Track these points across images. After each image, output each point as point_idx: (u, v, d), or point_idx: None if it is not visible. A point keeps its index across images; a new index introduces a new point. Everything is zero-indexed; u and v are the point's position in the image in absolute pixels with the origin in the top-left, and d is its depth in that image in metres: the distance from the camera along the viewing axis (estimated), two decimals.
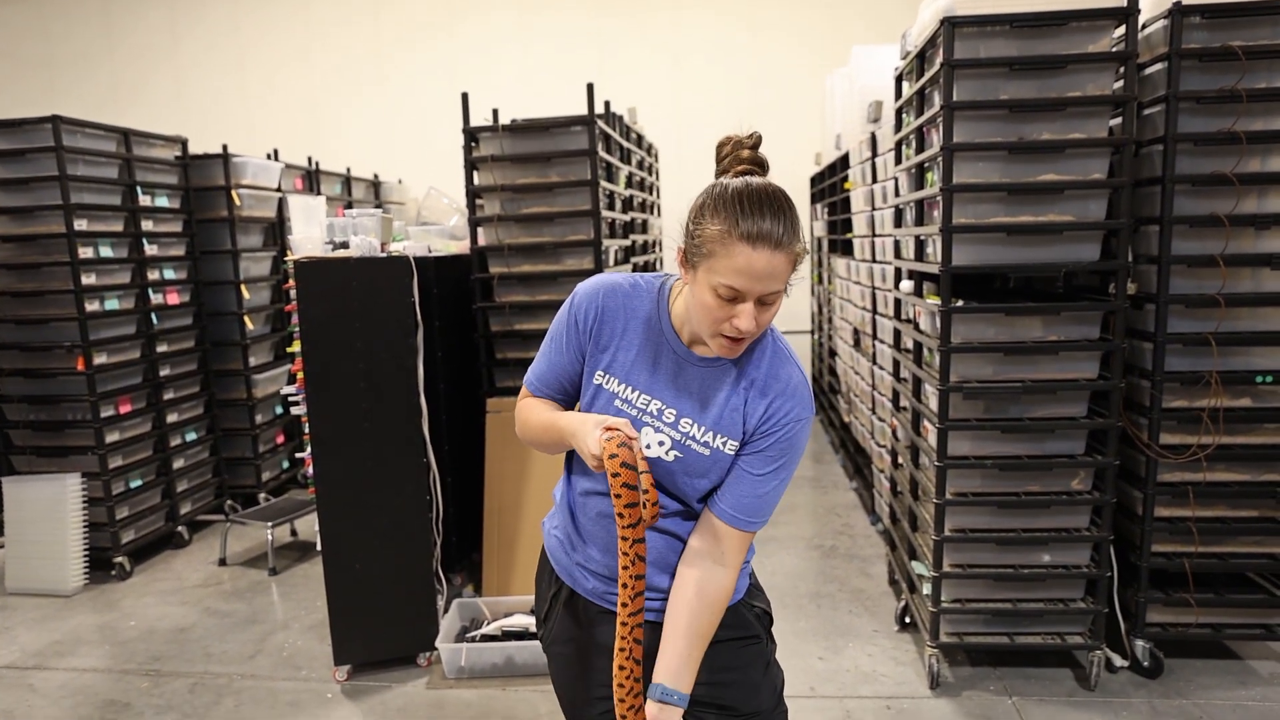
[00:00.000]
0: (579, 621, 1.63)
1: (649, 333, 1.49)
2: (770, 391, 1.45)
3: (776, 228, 1.28)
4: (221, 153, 5.26)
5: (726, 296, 1.31)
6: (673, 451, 1.47)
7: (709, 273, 1.32)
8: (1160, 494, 3.00)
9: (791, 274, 1.33)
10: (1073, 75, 2.77)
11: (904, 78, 3.57)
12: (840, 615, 3.74)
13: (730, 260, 1.29)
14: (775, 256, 1.28)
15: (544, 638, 1.70)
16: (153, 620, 3.98)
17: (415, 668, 3.40)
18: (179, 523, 4.96)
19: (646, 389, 1.48)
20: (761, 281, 1.29)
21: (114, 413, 4.50)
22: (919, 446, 3.33)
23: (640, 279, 1.54)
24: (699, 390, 1.47)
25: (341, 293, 3.14)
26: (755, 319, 1.32)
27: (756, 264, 1.28)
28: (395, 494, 3.27)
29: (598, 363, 1.51)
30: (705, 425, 1.46)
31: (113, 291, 4.52)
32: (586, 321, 1.51)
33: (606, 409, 1.50)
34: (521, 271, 3.93)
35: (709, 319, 1.35)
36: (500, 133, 3.85)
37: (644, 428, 1.47)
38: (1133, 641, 3.11)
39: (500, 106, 3.99)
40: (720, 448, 1.46)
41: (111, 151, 4.57)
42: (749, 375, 1.47)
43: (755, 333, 1.35)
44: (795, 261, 1.32)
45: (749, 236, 1.27)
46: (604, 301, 1.50)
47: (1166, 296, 2.89)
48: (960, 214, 2.87)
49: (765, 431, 1.46)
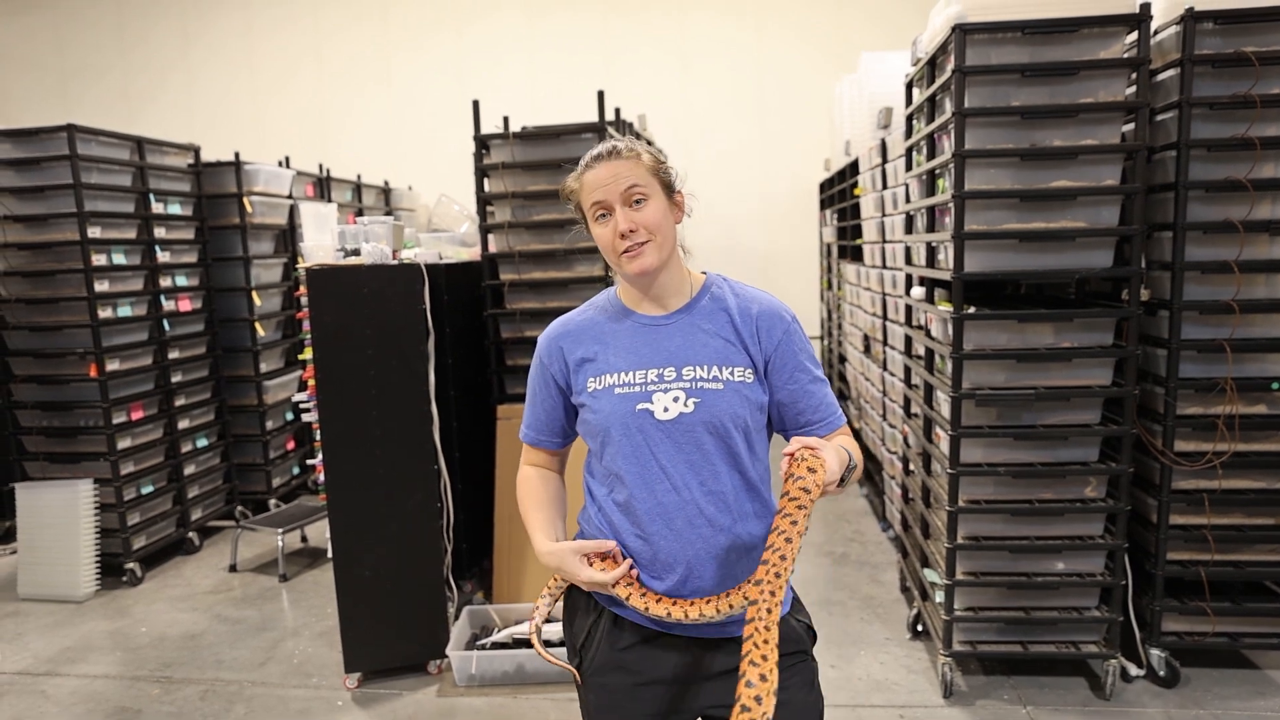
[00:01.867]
0: (625, 649, 1.57)
1: (616, 324, 1.60)
2: (751, 311, 1.56)
3: (603, 149, 1.51)
4: (234, 160, 5.30)
5: (601, 216, 1.51)
6: (690, 400, 1.49)
7: (588, 216, 1.54)
8: (1175, 501, 2.98)
9: (649, 175, 1.50)
10: (1085, 81, 2.76)
11: (915, 84, 3.57)
12: (851, 623, 3.73)
13: (585, 190, 1.52)
14: (612, 164, 1.49)
15: (583, 668, 1.62)
16: (164, 627, 4.00)
17: (426, 675, 3.40)
18: (190, 529, 4.99)
19: (638, 365, 1.54)
20: (612, 184, 1.48)
21: (126, 419, 4.53)
22: (931, 453, 3.32)
23: (586, 303, 1.69)
24: (683, 341, 1.54)
25: (353, 300, 3.16)
26: (630, 218, 1.48)
27: (600, 176, 1.50)
28: (406, 500, 3.28)
29: (586, 374, 1.57)
30: (707, 364, 1.52)
31: (125, 298, 4.55)
32: (553, 358, 1.62)
33: (610, 402, 1.52)
34: (532, 278, 3.94)
35: (607, 248, 1.52)
36: (511, 140, 3.86)
37: (654, 395, 1.50)
38: (1148, 650, 3.10)
39: (508, 109, 4.01)
40: (731, 378, 1.51)
41: (125, 159, 4.60)
42: (722, 307, 1.57)
43: (643, 234, 1.48)
44: (640, 163, 1.50)
45: (587, 166, 1.53)
46: (561, 335, 1.63)
47: (1180, 303, 2.88)
48: (972, 220, 2.87)
49: (778, 347, 1.55)
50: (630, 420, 1.50)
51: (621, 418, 1.51)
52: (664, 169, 1.54)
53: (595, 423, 1.54)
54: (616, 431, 1.51)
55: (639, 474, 1.51)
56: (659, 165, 1.53)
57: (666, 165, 1.55)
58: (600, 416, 1.53)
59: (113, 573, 4.54)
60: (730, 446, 1.51)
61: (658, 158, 1.54)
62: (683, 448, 1.49)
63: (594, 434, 1.56)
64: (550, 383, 1.63)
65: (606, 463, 1.55)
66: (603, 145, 1.53)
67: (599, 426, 1.53)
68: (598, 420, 1.53)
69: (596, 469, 1.60)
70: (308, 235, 3.38)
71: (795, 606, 1.64)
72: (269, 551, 4.93)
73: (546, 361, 1.63)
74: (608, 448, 1.53)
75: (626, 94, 6.09)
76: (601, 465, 1.57)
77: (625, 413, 1.51)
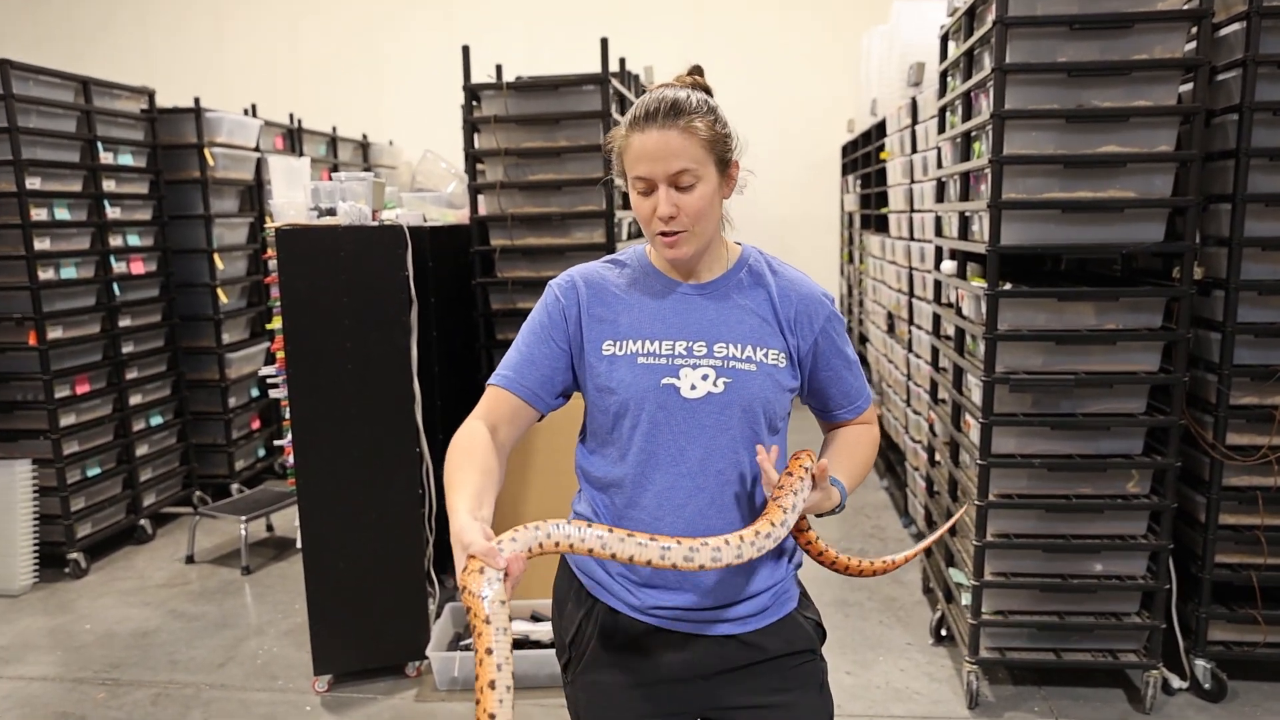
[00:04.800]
0: (620, 645, 1.58)
1: (644, 286, 1.59)
2: (791, 295, 1.58)
3: (658, 107, 1.45)
4: (193, 107, 5.30)
5: (643, 191, 1.48)
6: (720, 379, 1.51)
7: (629, 177, 1.50)
8: (1226, 499, 3.02)
9: (703, 152, 1.45)
10: (1139, 36, 2.77)
11: (950, 37, 3.58)
12: (870, 626, 3.78)
13: (631, 152, 1.48)
14: (665, 133, 1.44)
15: (569, 666, 1.64)
16: (111, 623, 4.03)
17: (403, 678, 3.44)
18: (142, 515, 5.02)
19: (665, 334, 1.54)
20: (661, 161, 1.44)
21: (70, 393, 4.55)
22: (959, 443, 3.36)
23: (611, 255, 1.67)
24: (717, 315, 1.55)
25: (327, 265, 3.17)
26: (674, 203, 1.46)
27: (648, 144, 1.45)
28: (384, 486, 3.31)
29: (602, 334, 1.55)
30: (741, 342, 1.54)
31: (70, 258, 4.55)
32: (568, 301, 1.58)
33: (631, 372, 1.52)
34: (526, 244, 3.96)
35: (644, 221, 1.51)
36: (504, 91, 3.87)
37: (681, 370, 1.51)
38: (1193, 661, 3.14)
39: (502, 57, 4.01)
40: (764, 360, 1.53)
41: (69, 102, 4.59)
42: (761, 284, 1.59)
43: (684, 222, 1.47)
44: (696, 138, 1.45)
45: (636, 124, 1.47)
46: (583, 280, 1.60)
47: (1237, 282, 2.91)
48: (1010, 188, 2.88)
49: (819, 335, 1.58)
50: (652, 396, 1.50)
51: (642, 392, 1.50)
52: (722, 142, 1.48)
53: (611, 395, 1.53)
54: (635, 406, 1.51)
55: (653, 455, 1.52)
56: (716, 138, 1.47)
57: (727, 136, 1.50)
58: (620, 388, 1.51)
59: (54, 564, 4.56)
60: (756, 433, 1.53)
61: (716, 129, 1.47)
62: (706, 429, 1.51)
63: (606, 406, 1.54)
64: (561, 329, 1.57)
65: (616, 440, 1.55)
66: (660, 96, 1.46)
67: (616, 399, 1.52)
68: (615, 391, 1.52)
69: (599, 447, 1.59)
70: (277, 192, 3.39)
71: (803, 602, 1.67)
72: (230, 541, 4.96)
73: (563, 303, 1.58)
74: (622, 422, 1.53)
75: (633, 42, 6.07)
76: (610, 441, 1.56)
77: (648, 387, 1.50)
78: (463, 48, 3.90)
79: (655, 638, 1.56)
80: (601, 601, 1.60)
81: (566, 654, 1.65)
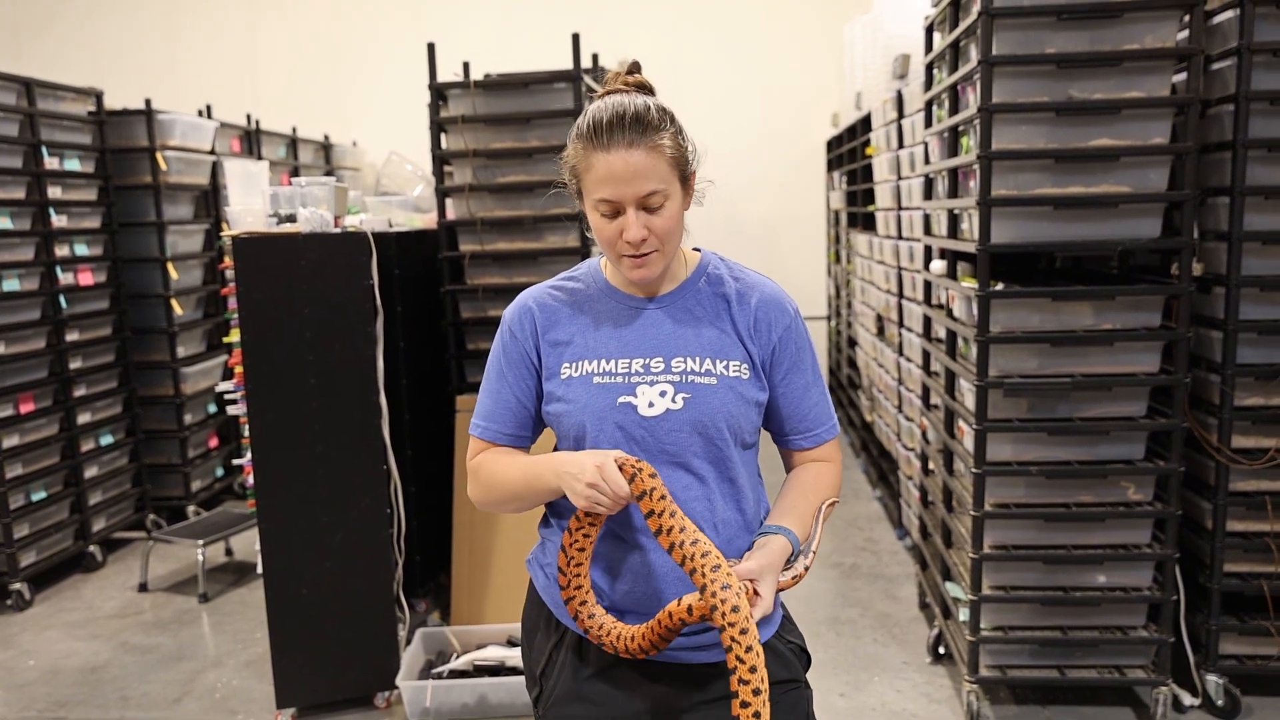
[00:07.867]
0: (590, 677, 1.59)
1: (599, 305, 1.61)
2: (750, 299, 1.60)
3: (623, 124, 1.44)
4: (144, 108, 5.27)
5: (608, 213, 1.48)
6: (679, 395, 1.52)
7: (587, 196, 1.50)
8: (1233, 504, 3.04)
9: (669, 169, 1.47)
10: (1129, 25, 2.80)
11: (936, 27, 3.61)
12: (864, 645, 3.79)
13: (594, 173, 1.47)
14: (630, 154, 1.44)
15: (541, 699, 1.65)
16: (57, 658, 3.99)
17: (371, 710, 3.42)
18: (91, 542, 4.97)
19: (621, 353, 1.56)
20: (629, 183, 1.44)
21: (13, 412, 4.50)
22: (953, 450, 3.37)
23: (565, 273, 1.69)
24: (674, 329, 1.58)
25: (288, 274, 3.16)
26: (643, 225, 1.47)
27: (615, 166, 1.44)
28: (350, 507, 3.29)
29: (559, 358, 1.58)
30: (700, 355, 1.55)
31: (12, 269, 4.51)
32: (524, 332, 1.61)
33: (586, 393, 1.53)
34: (497, 249, 3.96)
35: (607, 243, 1.51)
36: (472, 90, 3.87)
37: (638, 387, 1.53)
38: (1203, 676, 3.15)
39: (474, 58, 4.01)
40: (725, 372, 1.55)
41: (11, 105, 4.55)
42: (719, 292, 1.61)
43: (654, 243, 1.48)
44: (663, 156, 1.46)
45: (599, 143, 1.46)
46: (536, 305, 1.63)
47: (1238, 278, 2.94)
48: (1000, 184, 2.91)
49: (777, 343, 1.58)
50: (609, 415, 1.52)
51: (599, 412, 1.52)
52: (685, 157, 1.51)
53: (567, 416, 1.56)
54: (592, 427, 1.53)
55: None
56: (681, 155, 1.50)
57: (688, 151, 1.53)
58: (574, 409, 1.54)
59: None
60: (720, 451, 1.54)
61: (680, 144, 1.50)
62: (665, 449, 1.52)
63: (565, 430, 1.58)
64: (523, 360, 1.61)
65: None
66: (618, 108, 1.46)
67: (572, 421, 1.55)
68: (570, 413, 1.55)
69: None
70: (234, 198, 3.38)
71: (785, 626, 1.67)
72: (187, 567, 4.93)
73: (519, 334, 1.62)
74: (582, 444, 1.55)
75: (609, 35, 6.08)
76: None
77: (604, 406, 1.52)
78: (428, 45, 3.90)
79: (627, 669, 1.57)
80: (571, 630, 1.61)
81: (537, 687, 1.66)
